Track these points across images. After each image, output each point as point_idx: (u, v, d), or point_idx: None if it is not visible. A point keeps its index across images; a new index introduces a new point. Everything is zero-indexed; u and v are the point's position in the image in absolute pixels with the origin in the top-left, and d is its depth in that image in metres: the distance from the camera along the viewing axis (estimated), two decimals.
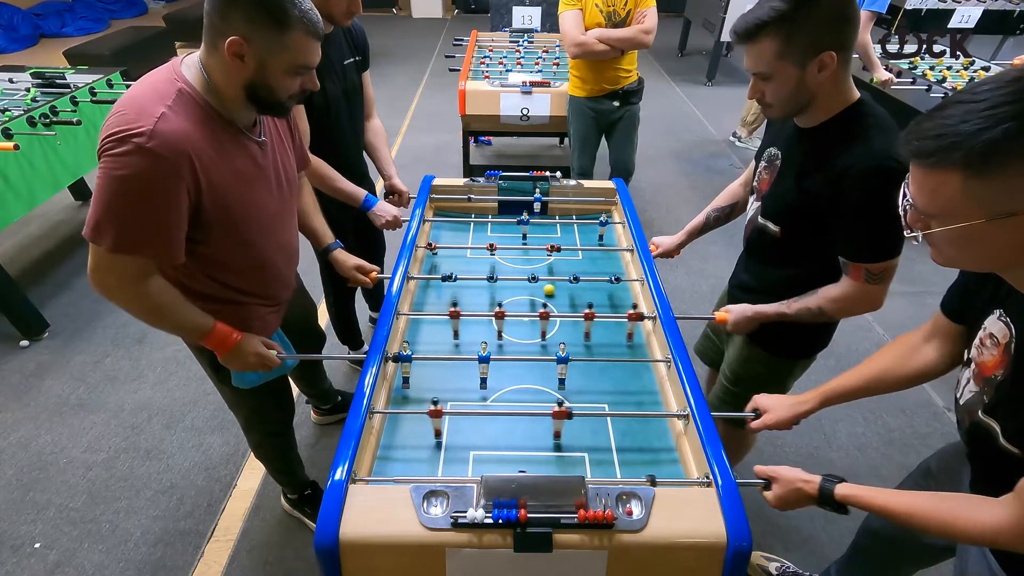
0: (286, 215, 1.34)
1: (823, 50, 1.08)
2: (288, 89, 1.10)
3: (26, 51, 6.73)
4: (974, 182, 0.67)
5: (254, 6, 0.99)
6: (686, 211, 3.73)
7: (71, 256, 3.25)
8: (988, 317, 0.90)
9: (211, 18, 1.01)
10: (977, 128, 0.65)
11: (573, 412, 1.13)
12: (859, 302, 1.23)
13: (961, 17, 4.57)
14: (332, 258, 1.60)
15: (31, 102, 2.68)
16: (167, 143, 0.97)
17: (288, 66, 1.06)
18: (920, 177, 0.73)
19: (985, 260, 0.78)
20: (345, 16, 1.65)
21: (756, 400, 1.24)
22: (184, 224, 1.06)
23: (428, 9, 9.05)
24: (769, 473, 1.08)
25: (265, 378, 1.41)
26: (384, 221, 1.83)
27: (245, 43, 1.00)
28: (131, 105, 1.00)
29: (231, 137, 1.12)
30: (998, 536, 0.82)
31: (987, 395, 0.90)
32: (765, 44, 1.10)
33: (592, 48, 2.47)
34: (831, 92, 1.16)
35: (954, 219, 0.72)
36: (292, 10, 1.01)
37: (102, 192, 0.98)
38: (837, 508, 1.00)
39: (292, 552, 1.84)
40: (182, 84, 1.05)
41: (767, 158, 1.36)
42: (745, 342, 1.49)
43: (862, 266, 1.18)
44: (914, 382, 1.11)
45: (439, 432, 1.18)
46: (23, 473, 2.06)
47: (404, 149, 4.61)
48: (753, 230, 1.39)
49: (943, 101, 0.72)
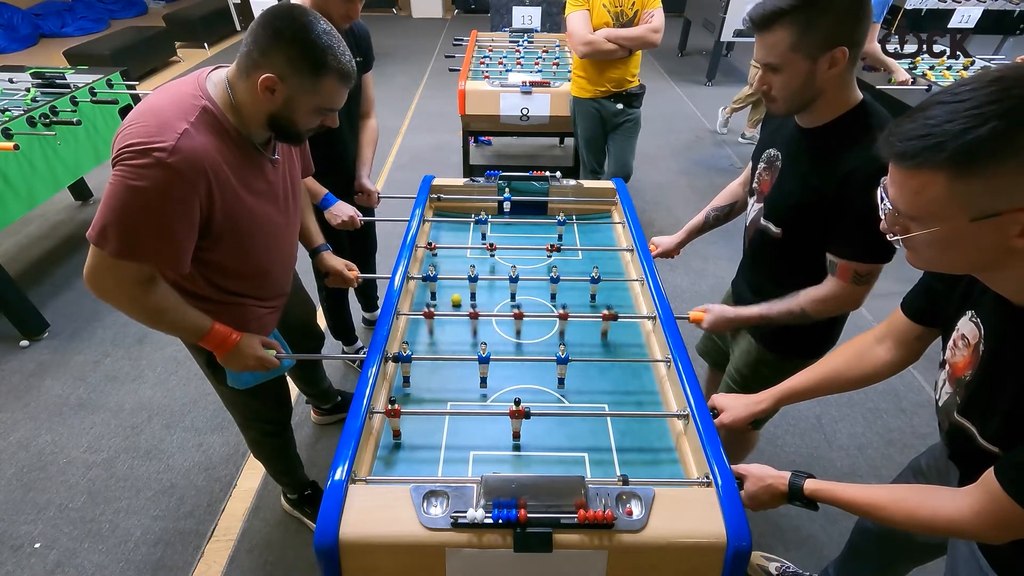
0: (290, 227, 1.36)
1: (836, 45, 1.08)
2: (309, 124, 1.13)
3: (26, 51, 6.73)
4: (958, 183, 0.67)
5: (299, 52, 1.02)
6: (686, 211, 3.73)
7: (71, 256, 3.25)
8: (961, 319, 0.90)
9: (251, 48, 1.03)
10: (963, 128, 0.65)
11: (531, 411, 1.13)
12: (843, 302, 1.24)
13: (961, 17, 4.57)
14: (320, 258, 1.61)
15: (31, 102, 2.68)
16: (187, 160, 0.99)
17: (315, 107, 1.10)
18: (902, 179, 0.72)
19: (965, 262, 0.77)
20: (343, 20, 1.65)
21: (714, 399, 1.25)
22: (194, 237, 1.08)
23: (428, 9, 9.05)
24: (740, 471, 1.08)
25: (261, 378, 1.41)
26: (339, 221, 1.82)
27: (279, 80, 1.03)
28: (153, 118, 1.01)
29: (245, 154, 1.14)
30: (960, 526, 0.83)
31: (959, 396, 0.91)
32: (780, 34, 1.09)
33: (601, 47, 2.48)
34: (837, 90, 1.15)
35: (936, 221, 0.71)
36: (331, 60, 1.04)
37: (113, 199, 0.98)
38: (807, 504, 1.00)
39: (292, 552, 1.84)
40: (206, 102, 1.07)
41: (766, 159, 1.36)
42: (751, 344, 1.48)
43: (853, 267, 1.19)
44: (865, 383, 1.13)
45: (398, 433, 1.17)
46: (23, 473, 2.07)
47: (404, 149, 4.61)
48: (755, 232, 1.39)
49: (923, 102, 0.71)
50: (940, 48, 3.84)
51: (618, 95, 2.69)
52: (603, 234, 1.91)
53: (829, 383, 1.15)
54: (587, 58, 2.57)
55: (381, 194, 2.07)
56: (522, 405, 1.12)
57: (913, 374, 2.54)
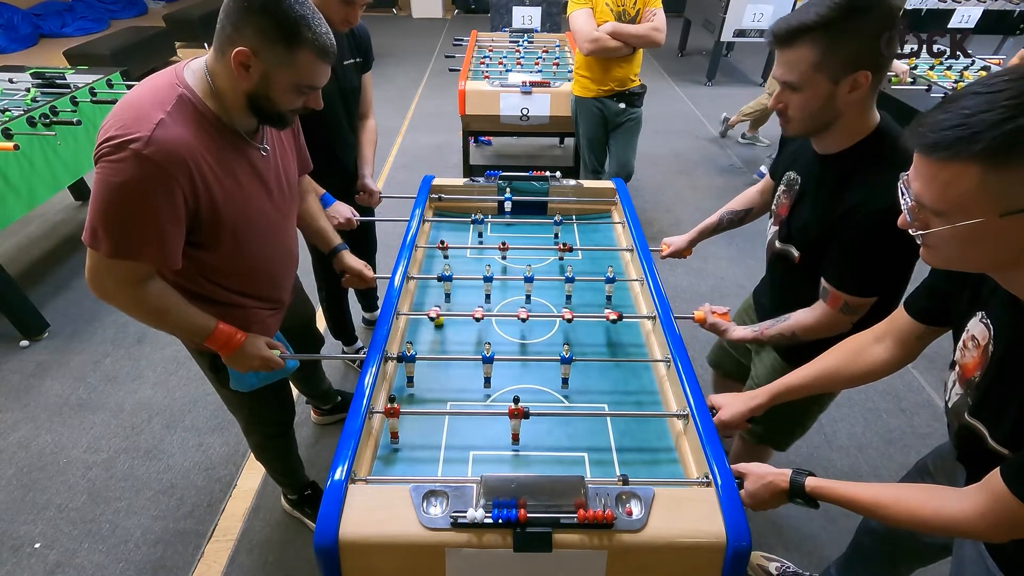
0: (285, 220, 1.33)
1: (860, 68, 1.03)
2: (290, 104, 1.10)
3: (26, 51, 6.72)
4: (992, 175, 0.65)
5: (268, 22, 0.98)
6: (686, 211, 3.74)
7: (71, 256, 3.26)
8: (971, 319, 0.90)
9: (224, 25, 1.01)
10: (1002, 117, 0.62)
11: (530, 411, 1.12)
12: (828, 328, 1.24)
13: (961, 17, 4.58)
14: (338, 258, 1.59)
15: (31, 102, 2.68)
16: (164, 150, 0.97)
17: (292, 83, 1.06)
18: (931, 171, 0.69)
19: (986, 260, 0.75)
20: (342, 23, 1.65)
21: (711, 398, 1.25)
22: (182, 231, 1.06)
23: (428, 9, 9.05)
24: (740, 470, 1.07)
25: (265, 380, 1.41)
26: (337, 222, 1.81)
27: (253, 55, 1.00)
28: (130, 110, 0.99)
29: (231, 144, 1.12)
30: (964, 525, 0.82)
31: (970, 397, 0.90)
32: (803, 51, 1.05)
33: (606, 44, 2.48)
34: (855, 116, 1.12)
35: (963, 215, 0.68)
36: (305, 31, 1.00)
37: (98, 198, 0.98)
38: (808, 502, 1.00)
39: (292, 552, 1.84)
40: (183, 89, 1.04)
41: (786, 182, 1.33)
42: (776, 360, 1.46)
43: (844, 297, 1.18)
44: (861, 381, 1.12)
45: (395, 435, 1.16)
46: (23, 473, 2.07)
47: (404, 149, 4.60)
48: (774, 254, 1.38)
49: (954, 94, 0.69)
50: (940, 48, 3.84)
51: (620, 94, 2.70)
52: (603, 234, 1.91)
53: (825, 380, 1.15)
54: (592, 55, 2.57)
55: (381, 194, 2.08)
56: (520, 404, 1.12)
57: (913, 374, 2.54)
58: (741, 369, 1.69)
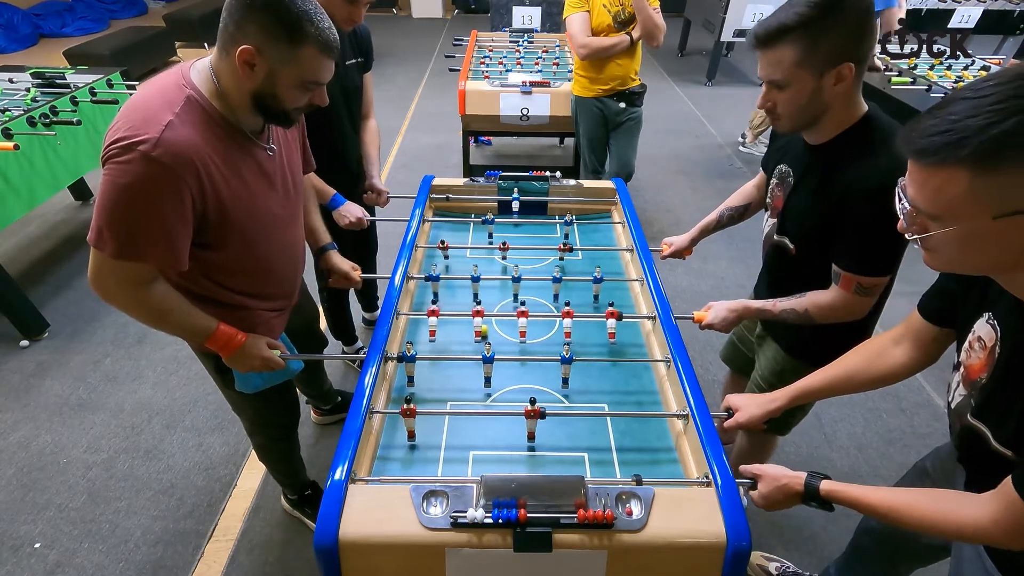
0: (291, 219, 1.33)
1: (843, 61, 1.06)
2: (295, 101, 1.09)
3: (26, 51, 6.72)
4: (980, 179, 0.65)
5: (271, 19, 0.98)
6: (686, 211, 3.73)
7: (71, 256, 3.25)
8: (977, 320, 0.90)
9: (227, 24, 1.01)
10: (987, 122, 0.63)
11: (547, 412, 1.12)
12: (845, 311, 1.24)
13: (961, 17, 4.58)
14: (325, 257, 1.60)
15: (31, 102, 2.68)
16: (172, 152, 0.97)
17: (297, 80, 1.05)
18: (923, 177, 0.71)
19: (985, 263, 0.75)
20: (346, 23, 1.65)
21: (728, 399, 1.25)
22: (189, 232, 1.06)
23: (428, 9, 9.05)
24: (754, 471, 1.07)
25: (270, 382, 1.41)
26: (348, 221, 1.82)
27: (257, 53, 1.00)
28: (138, 111, 0.99)
29: (238, 144, 1.12)
30: (979, 533, 0.82)
31: (974, 398, 0.90)
32: (785, 50, 1.07)
33: (599, 45, 2.51)
34: (842, 107, 1.14)
35: (958, 219, 0.69)
36: (308, 27, 1.00)
37: (105, 199, 0.98)
38: (823, 504, 1.00)
39: (292, 552, 1.84)
40: (191, 91, 1.05)
41: (778, 175, 1.35)
42: (778, 351, 1.47)
43: (854, 279, 1.18)
44: (881, 383, 1.12)
45: (412, 434, 1.17)
46: (23, 473, 2.06)
47: (404, 149, 4.60)
48: (770, 247, 1.39)
49: (944, 99, 0.70)
50: (940, 48, 3.84)
51: (620, 94, 2.70)
52: (603, 234, 1.91)
53: (844, 383, 1.14)
54: (588, 59, 2.59)
55: (389, 194, 2.07)
56: (537, 405, 1.12)
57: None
58: (751, 364, 1.68)
